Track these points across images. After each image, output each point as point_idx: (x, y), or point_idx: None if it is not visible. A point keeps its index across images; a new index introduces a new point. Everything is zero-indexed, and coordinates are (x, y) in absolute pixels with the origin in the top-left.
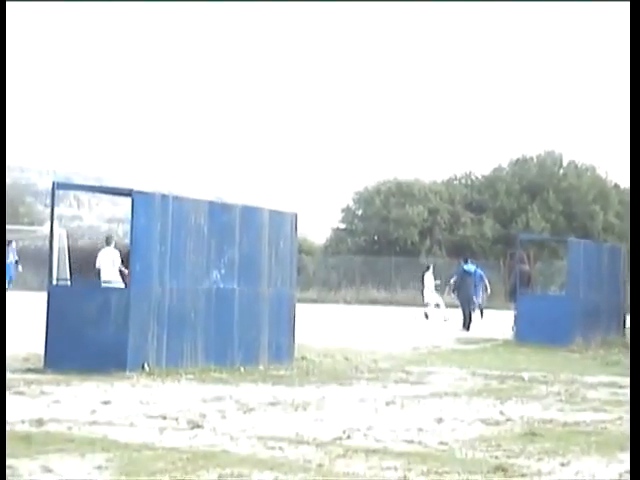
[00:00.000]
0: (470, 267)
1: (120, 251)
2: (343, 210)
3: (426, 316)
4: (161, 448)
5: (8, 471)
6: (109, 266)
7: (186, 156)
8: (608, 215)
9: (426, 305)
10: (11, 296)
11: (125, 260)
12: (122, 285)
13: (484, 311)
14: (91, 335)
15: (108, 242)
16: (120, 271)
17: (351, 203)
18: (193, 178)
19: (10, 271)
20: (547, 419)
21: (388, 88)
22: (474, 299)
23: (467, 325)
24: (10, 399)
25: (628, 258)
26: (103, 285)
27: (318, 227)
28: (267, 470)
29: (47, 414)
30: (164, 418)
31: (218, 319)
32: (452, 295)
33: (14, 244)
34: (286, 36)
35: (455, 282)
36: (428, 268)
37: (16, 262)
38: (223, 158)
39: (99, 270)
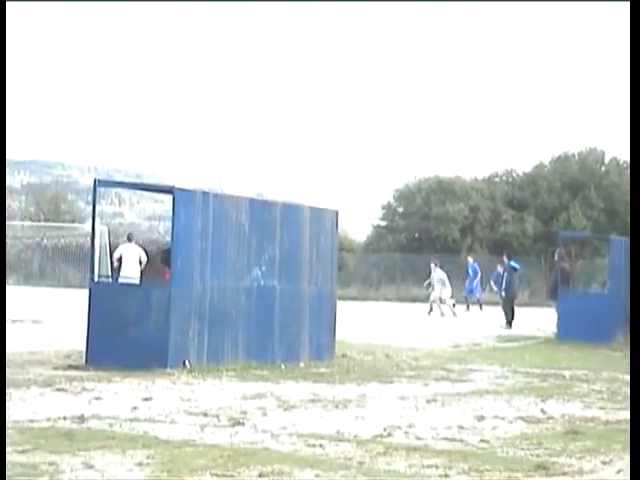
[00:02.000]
0: (515, 264)
1: (144, 248)
2: (384, 207)
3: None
4: (202, 445)
5: (50, 467)
6: (132, 262)
7: (228, 153)
8: None
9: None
10: (53, 293)
11: (162, 257)
12: (138, 282)
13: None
14: (132, 332)
15: (130, 239)
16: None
17: (392, 200)
18: (234, 175)
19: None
20: (589, 417)
21: (431, 85)
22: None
23: (510, 322)
24: (52, 396)
25: None
26: (122, 280)
27: (359, 224)
28: (308, 467)
29: (89, 411)
30: (205, 415)
31: (259, 316)
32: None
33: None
34: (324, 34)
35: (505, 279)
36: None
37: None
38: (265, 155)
39: (119, 265)
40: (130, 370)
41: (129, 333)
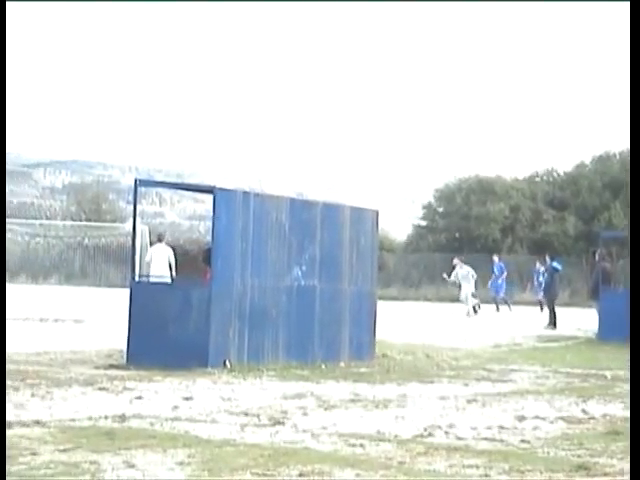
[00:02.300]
0: (557, 265)
1: (173, 248)
2: (424, 207)
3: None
4: (243, 444)
5: (92, 466)
6: (161, 262)
7: (268, 153)
8: None
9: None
10: (95, 293)
11: (203, 257)
12: (169, 281)
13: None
14: (173, 331)
15: (160, 239)
16: (169, 267)
17: (432, 200)
18: (275, 174)
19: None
20: None
21: (472, 85)
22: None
23: (554, 322)
24: (93, 395)
25: None
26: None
27: (399, 224)
28: (348, 467)
29: (130, 410)
30: (246, 414)
31: (299, 316)
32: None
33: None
34: (358, 33)
35: (545, 279)
36: None
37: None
38: (305, 155)
39: (148, 264)
40: (171, 369)
41: (170, 332)
